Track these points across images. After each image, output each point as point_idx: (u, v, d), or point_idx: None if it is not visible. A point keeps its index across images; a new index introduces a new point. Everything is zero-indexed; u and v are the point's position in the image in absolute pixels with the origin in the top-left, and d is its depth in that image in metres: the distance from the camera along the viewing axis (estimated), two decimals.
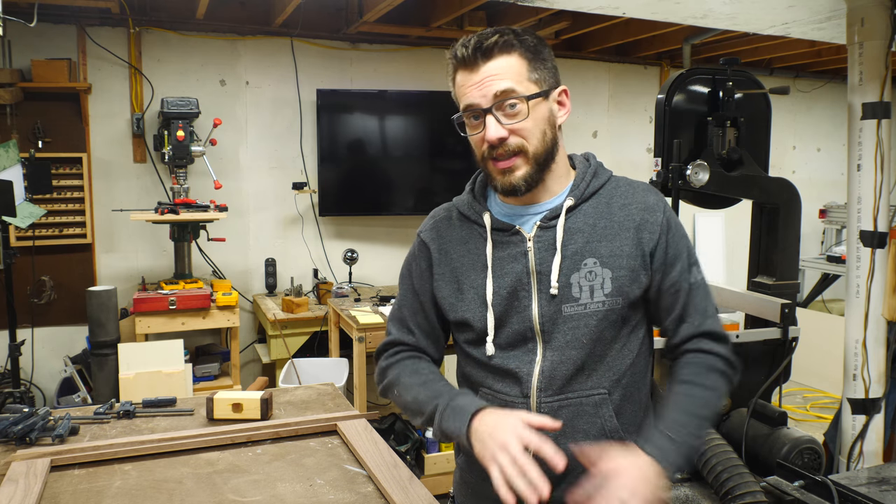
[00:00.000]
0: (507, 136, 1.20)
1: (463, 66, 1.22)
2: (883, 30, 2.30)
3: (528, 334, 1.25)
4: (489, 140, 1.20)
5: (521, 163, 1.22)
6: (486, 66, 1.19)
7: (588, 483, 1.10)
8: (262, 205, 4.49)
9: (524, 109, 1.20)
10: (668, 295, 1.26)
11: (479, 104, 1.20)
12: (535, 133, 1.21)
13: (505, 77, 1.19)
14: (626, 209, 1.26)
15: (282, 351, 3.83)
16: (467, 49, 1.20)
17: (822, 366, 4.66)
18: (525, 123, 1.20)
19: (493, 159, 1.23)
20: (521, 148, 1.21)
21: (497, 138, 1.20)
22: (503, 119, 1.20)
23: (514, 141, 1.21)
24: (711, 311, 1.29)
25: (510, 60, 1.20)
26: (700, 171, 2.45)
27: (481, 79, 1.19)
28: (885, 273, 2.36)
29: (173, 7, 4.10)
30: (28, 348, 3.87)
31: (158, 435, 1.53)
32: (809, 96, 6.17)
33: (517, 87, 1.19)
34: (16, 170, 3.40)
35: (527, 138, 1.21)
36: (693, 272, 1.28)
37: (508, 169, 1.22)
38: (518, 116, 1.20)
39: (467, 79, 1.21)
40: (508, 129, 1.20)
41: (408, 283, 1.41)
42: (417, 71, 4.74)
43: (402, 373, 1.35)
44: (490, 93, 1.19)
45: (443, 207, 1.42)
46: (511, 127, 1.20)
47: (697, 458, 2.15)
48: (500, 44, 1.19)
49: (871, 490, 1.82)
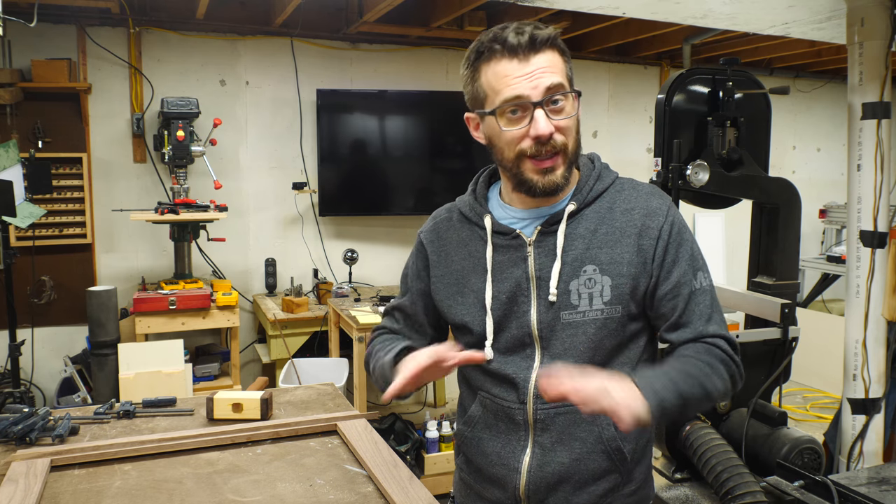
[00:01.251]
0: (553, 133, 1.17)
1: (512, 54, 1.15)
2: (883, 30, 2.30)
3: (527, 340, 1.24)
4: (541, 134, 1.15)
5: (560, 161, 1.19)
6: (538, 58, 1.15)
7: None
8: (262, 205, 4.49)
9: (569, 107, 1.17)
10: (667, 301, 1.22)
11: (528, 96, 1.14)
12: (573, 133, 1.19)
13: (556, 72, 1.16)
14: (628, 214, 1.23)
15: (282, 351, 3.83)
16: (522, 36, 1.14)
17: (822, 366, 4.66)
18: (569, 122, 1.18)
19: (534, 157, 1.18)
20: (563, 146, 1.18)
21: (549, 133, 1.15)
22: (550, 115, 1.16)
23: (559, 139, 1.17)
24: (718, 318, 1.23)
25: (556, 56, 1.17)
26: (700, 171, 2.45)
27: (533, 70, 1.14)
28: (885, 273, 2.36)
29: (173, 7, 4.10)
30: (28, 348, 3.87)
31: (158, 435, 1.53)
32: (809, 96, 6.17)
33: (566, 84, 1.17)
34: (16, 170, 3.40)
35: (567, 137, 1.18)
36: (698, 278, 1.23)
37: (551, 167, 1.18)
38: (563, 113, 1.17)
39: (514, 68, 1.15)
40: (555, 125, 1.16)
41: (405, 283, 1.43)
42: (417, 71, 4.74)
43: (372, 349, 1.39)
44: (542, 85, 1.14)
45: (444, 208, 1.41)
46: (557, 124, 1.16)
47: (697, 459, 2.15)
48: (552, 37, 1.16)
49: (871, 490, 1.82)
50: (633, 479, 1.29)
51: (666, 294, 1.22)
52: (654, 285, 1.22)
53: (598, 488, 1.26)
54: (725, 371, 1.19)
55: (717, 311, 1.24)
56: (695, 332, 1.21)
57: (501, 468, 1.28)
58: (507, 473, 1.28)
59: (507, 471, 1.28)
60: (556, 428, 1.24)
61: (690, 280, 1.22)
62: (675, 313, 1.22)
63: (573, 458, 1.24)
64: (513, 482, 1.27)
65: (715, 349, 1.20)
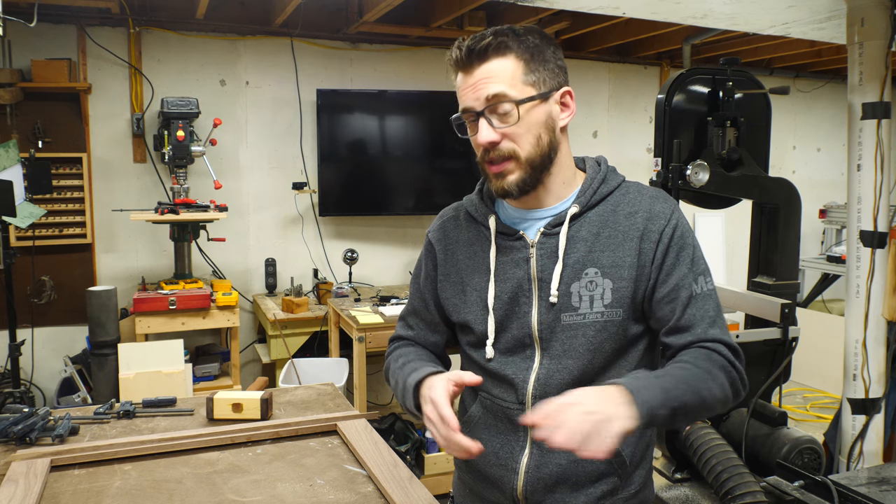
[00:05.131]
0: (500, 141, 1.18)
1: (459, 67, 1.20)
2: (883, 30, 2.30)
3: (527, 341, 1.24)
4: (481, 143, 1.19)
5: (513, 167, 1.19)
6: (479, 69, 1.17)
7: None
8: (262, 205, 4.49)
9: (515, 114, 1.17)
10: (664, 304, 1.20)
11: (472, 107, 1.18)
12: (527, 138, 1.18)
13: (498, 80, 1.16)
14: (631, 218, 1.23)
15: (282, 351, 3.83)
16: (461, 51, 1.18)
17: (822, 366, 4.67)
18: (516, 129, 1.17)
19: (488, 162, 1.21)
20: (513, 153, 1.19)
21: (488, 142, 1.18)
22: (496, 122, 1.18)
23: (505, 146, 1.18)
24: (720, 323, 1.21)
25: (504, 63, 1.17)
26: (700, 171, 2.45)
27: (475, 81, 1.18)
28: (885, 273, 2.36)
29: (173, 7, 4.10)
30: (28, 348, 3.87)
31: (158, 435, 1.53)
32: (809, 96, 6.17)
33: (509, 92, 1.16)
34: (16, 170, 3.40)
35: (518, 143, 1.18)
36: (699, 282, 1.21)
37: (500, 173, 1.20)
38: (510, 120, 1.17)
39: (463, 81, 1.20)
40: (500, 133, 1.18)
41: (415, 285, 1.43)
42: (417, 71, 4.74)
43: (390, 362, 1.40)
44: (482, 96, 1.17)
45: (452, 207, 1.42)
46: (503, 131, 1.18)
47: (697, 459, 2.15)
48: (493, 45, 1.16)
49: (871, 490, 1.82)
50: (633, 482, 1.29)
51: (664, 297, 1.21)
52: (651, 288, 1.21)
53: (595, 490, 1.26)
54: (725, 378, 1.16)
55: (720, 316, 1.22)
56: (695, 337, 1.19)
57: (499, 468, 1.29)
58: (505, 474, 1.28)
59: (504, 471, 1.28)
60: None
61: (690, 284, 1.20)
62: (674, 317, 1.20)
63: (571, 459, 1.23)
64: (510, 482, 1.27)
65: (715, 355, 1.18)
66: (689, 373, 1.14)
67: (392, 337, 1.47)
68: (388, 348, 1.46)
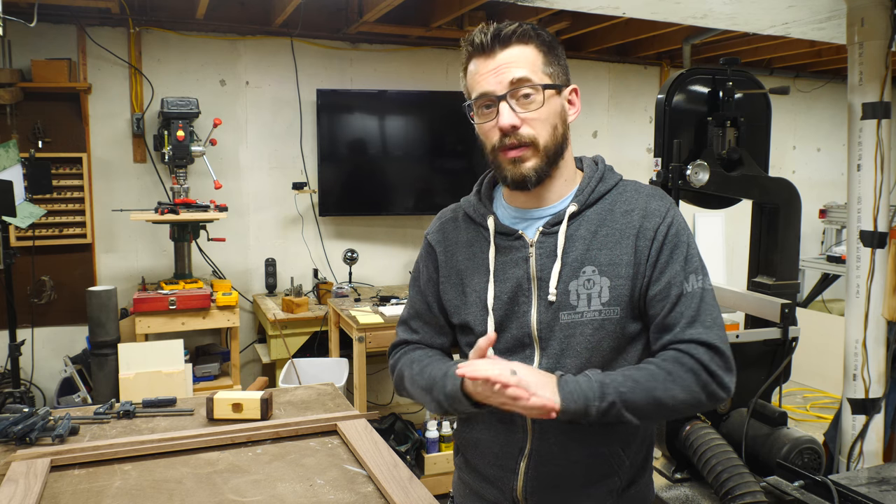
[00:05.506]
0: (520, 125, 1.19)
1: (479, 52, 1.20)
2: (883, 30, 2.30)
3: (527, 340, 1.24)
4: (502, 127, 1.18)
5: (530, 154, 1.20)
6: (502, 54, 1.19)
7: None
8: (262, 205, 4.49)
9: (539, 99, 1.18)
10: (656, 302, 1.20)
11: (493, 91, 1.18)
12: (545, 126, 1.20)
13: (521, 65, 1.18)
14: (628, 216, 1.23)
15: (282, 351, 3.83)
16: (486, 35, 1.19)
17: (822, 366, 4.66)
18: (538, 114, 1.19)
19: (504, 148, 1.20)
20: (532, 139, 1.19)
21: (510, 125, 1.18)
22: (517, 108, 1.18)
23: (525, 131, 1.19)
24: (708, 321, 1.18)
25: (526, 50, 1.19)
26: (700, 171, 2.45)
27: (497, 65, 1.18)
28: (885, 273, 2.36)
29: (173, 7, 4.10)
30: (28, 348, 3.87)
31: (158, 435, 1.53)
32: (809, 96, 6.17)
33: (533, 77, 1.18)
34: (16, 170, 3.40)
35: (538, 130, 1.19)
36: (690, 280, 1.20)
37: (519, 158, 1.20)
38: (532, 106, 1.18)
39: (482, 66, 1.20)
40: (521, 119, 1.18)
41: (416, 287, 1.41)
42: (417, 71, 4.74)
43: (403, 368, 1.36)
44: (506, 80, 1.18)
45: (450, 208, 1.41)
46: (524, 116, 1.18)
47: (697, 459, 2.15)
48: (518, 33, 1.19)
49: (871, 490, 1.82)
50: (633, 483, 1.29)
51: (656, 295, 1.20)
52: (646, 286, 1.21)
53: (595, 491, 1.26)
54: (693, 380, 1.14)
55: (707, 315, 1.19)
56: (673, 337, 1.18)
57: (499, 469, 1.29)
58: (505, 474, 1.28)
59: (504, 472, 1.28)
60: (554, 430, 1.23)
61: (681, 282, 1.20)
62: (659, 316, 1.20)
63: (571, 461, 1.24)
64: (510, 483, 1.27)
65: (685, 357, 1.15)
66: (645, 373, 1.14)
67: (395, 342, 1.43)
68: (393, 355, 1.42)
